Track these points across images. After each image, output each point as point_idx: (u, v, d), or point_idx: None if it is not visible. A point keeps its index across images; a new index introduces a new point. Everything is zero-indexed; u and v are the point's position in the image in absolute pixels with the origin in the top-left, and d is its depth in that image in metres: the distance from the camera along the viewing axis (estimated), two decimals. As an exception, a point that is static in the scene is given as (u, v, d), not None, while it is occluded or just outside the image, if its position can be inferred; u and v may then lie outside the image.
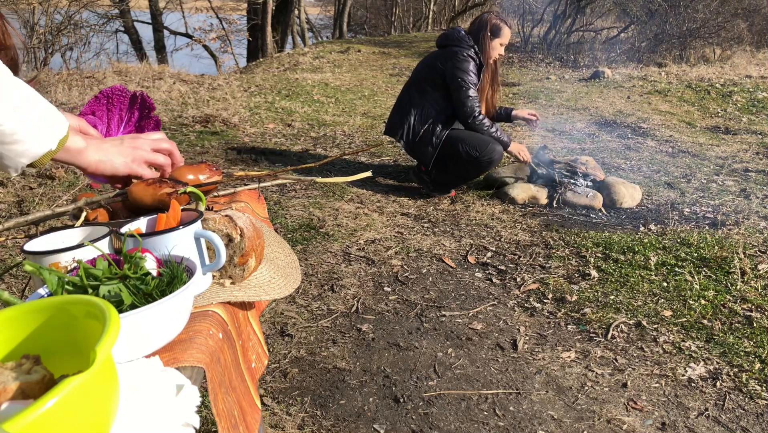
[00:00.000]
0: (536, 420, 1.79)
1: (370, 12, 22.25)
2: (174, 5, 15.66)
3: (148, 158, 0.96)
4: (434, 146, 3.58)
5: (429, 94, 3.64)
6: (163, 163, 0.99)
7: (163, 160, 0.99)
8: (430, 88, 3.63)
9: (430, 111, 3.62)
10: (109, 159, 0.91)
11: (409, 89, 3.76)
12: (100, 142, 0.92)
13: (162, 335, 0.70)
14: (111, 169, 0.92)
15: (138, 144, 0.96)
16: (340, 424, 1.77)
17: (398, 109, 3.76)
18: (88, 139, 0.90)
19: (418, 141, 3.63)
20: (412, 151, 3.70)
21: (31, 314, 0.58)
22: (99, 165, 0.91)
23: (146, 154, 0.96)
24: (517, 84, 8.06)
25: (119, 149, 0.93)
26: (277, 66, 9.70)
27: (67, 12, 9.58)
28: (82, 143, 0.88)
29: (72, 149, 0.87)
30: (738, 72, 8.21)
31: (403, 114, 3.70)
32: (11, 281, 2.42)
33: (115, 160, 0.92)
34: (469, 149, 3.48)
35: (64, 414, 0.43)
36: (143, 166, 0.96)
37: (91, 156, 0.90)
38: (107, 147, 0.92)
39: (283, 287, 1.00)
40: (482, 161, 3.49)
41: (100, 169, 0.91)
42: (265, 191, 3.53)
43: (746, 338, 2.21)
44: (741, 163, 4.47)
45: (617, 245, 2.98)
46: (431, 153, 3.59)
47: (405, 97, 3.76)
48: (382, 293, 2.52)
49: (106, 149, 0.91)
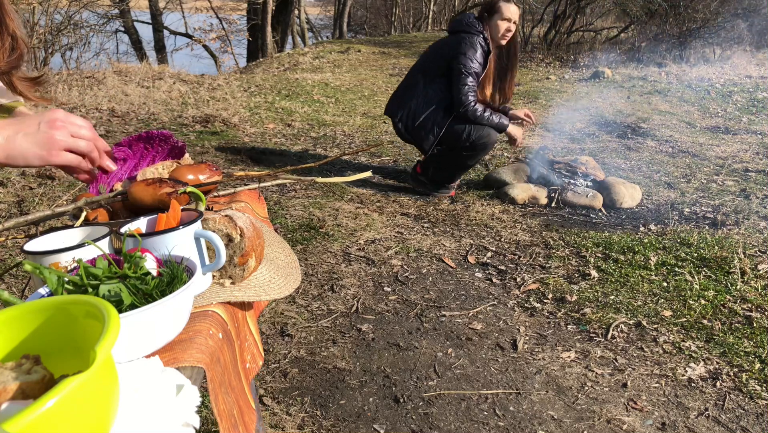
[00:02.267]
0: (536, 420, 1.79)
1: (370, 12, 22.25)
2: (174, 5, 15.66)
3: (68, 145, 0.87)
4: (435, 134, 3.51)
5: (434, 79, 3.57)
6: (85, 149, 0.89)
7: (84, 145, 0.89)
8: (436, 73, 3.56)
9: (434, 97, 3.54)
10: (20, 152, 0.84)
11: (414, 73, 3.69)
12: (13, 133, 0.84)
13: (162, 335, 0.70)
14: (23, 163, 0.85)
15: (55, 132, 0.86)
16: (340, 424, 1.77)
17: (401, 92, 3.70)
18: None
19: (417, 126, 3.56)
20: (410, 135, 3.61)
21: (31, 314, 0.58)
22: (8, 161, 0.84)
23: (65, 140, 0.87)
24: (517, 84, 8.06)
25: (34, 139, 0.85)
26: (277, 66, 9.70)
27: (67, 12, 9.58)
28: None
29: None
30: (738, 72, 8.21)
31: (405, 97, 3.63)
32: (11, 281, 2.42)
33: (27, 153, 0.84)
34: (464, 134, 3.45)
35: (64, 414, 0.43)
36: (62, 155, 0.87)
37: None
38: (19, 139, 0.84)
39: (283, 287, 1.00)
40: (477, 145, 3.45)
41: (10, 163, 0.85)
42: (265, 191, 3.53)
43: (746, 338, 2.20)
44: (741, 163, 4.47)
45: (617, 245, 2.98)
46: (432, 140, 3.52)
47: (410, 80, 3.69)
48: (382, 293, 2.52)
49: (18, 142, 0.84)
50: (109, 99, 5.55)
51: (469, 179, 4.03)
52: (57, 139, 0.86)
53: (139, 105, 5.46)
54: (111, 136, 4.54)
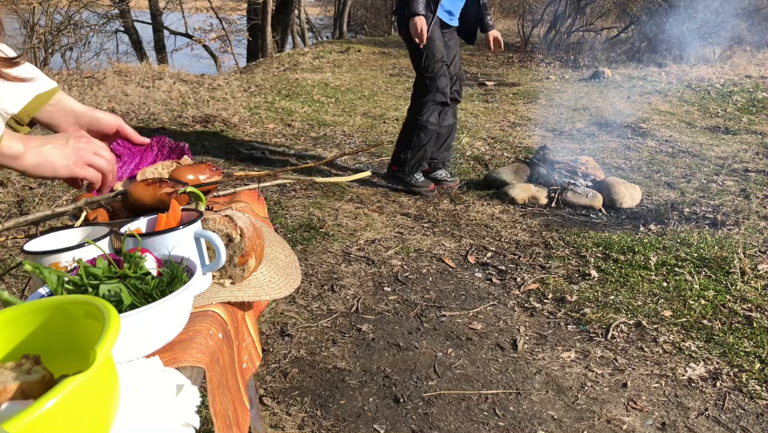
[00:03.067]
0: (536, 420, 1.79)
1: (370, 12, 22.24)
2: (174, 5, 15.65)
3: (92, 161, 0.94)
4: None
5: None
6: (104, 167, 0.95)
7: (104, 164, 0.95)
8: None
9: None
10: (50, 161, 0.90)
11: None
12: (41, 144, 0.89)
13: (162, 335, 0.70)
14: (51, 172, 0.90)
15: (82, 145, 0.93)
16: (340, 424, 1.77)
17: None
18: (28, 142, 0.88)
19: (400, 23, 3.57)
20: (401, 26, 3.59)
21: (31, 314, 0.58)
22: (37, 168, 0.89)
23: (89, 156, 0.93)
24: (517, 84, 8.06)
25: (62, 151, 0.91)
26: (277, 66, 9.70)
27: (67, 12, 9.57)
28: (19, 148, 0.87)
29: (7, 154, 0.86)
30: (738, 72, 8.21)
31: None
32: (11, 281, 2.42)
33: (56, 163, 0.90)
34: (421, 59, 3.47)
35: (64, 414, 0.43)
36: (86, 169, 0.93)
37: (29, 160, 0.88)
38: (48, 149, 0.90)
39: (283, 287, 1.00)
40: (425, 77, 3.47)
41: (38, 172, 0.89)
42: (265, 191, 3.53)
43: (746, 338, 2.20)
44: (741, 163, 4.47)
45: (617, 245, 2.98)
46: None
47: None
48: (382, 293, 2.52)
49: (47, 152, 0.89)
50: (109, 99, 5.55)
51: (469, 179, 4.03)
52: (83, 153, 0.93)
53: (139, 105, 5.46)
54: (111, 136, 4.54)
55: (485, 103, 6.76)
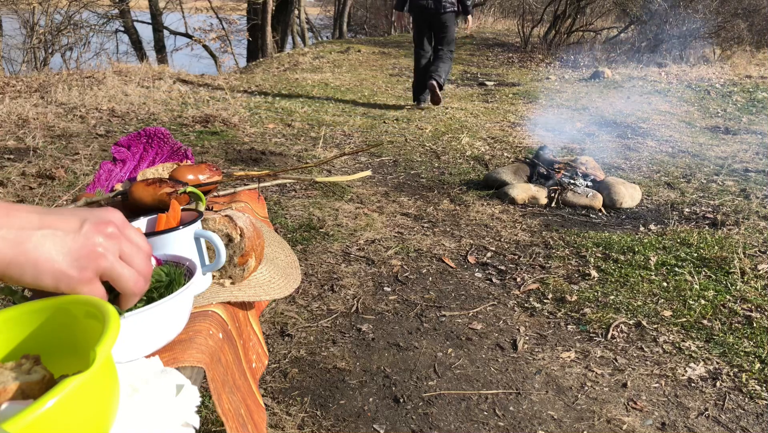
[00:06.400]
0: (536, 420, 1.79)
1: (370, 12, 22.23)
2: (174, 5, 15.65)
3: (109, 270, 0.55)
4: None
5: None
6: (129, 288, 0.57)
7: (128, 276, 0.56)
8: None
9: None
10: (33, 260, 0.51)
11: None
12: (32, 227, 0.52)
13: (162, 335, 0.70)
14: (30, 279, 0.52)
15: (102, 240, 0.54)
16: (340, 424, 1.77)
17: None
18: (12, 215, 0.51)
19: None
20: None
21: (31, 314, 0.58)
22: (8, 269, 0.51)
23: (109, 259, 0.55)
24: (517, 84, 8.06)
25: (63, 243, 0.53)
26: (277, 66, 9.70)
27: (67, 12, 9.57)
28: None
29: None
30: (738, 72, 8.21)
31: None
32: (11, 281, 2.42)
33: (43, 265, 0.52)
34: None
35: (64, 414, 0.43)
36: (93, 282, 0.55)
37: None
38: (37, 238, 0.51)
39: (283, 287, 1.00)
40: None
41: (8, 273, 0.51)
42: (265, 191, 3.53)
43: (746, 338, 2.21)
44: (741, 163, 4.47)
45: (617, 245, 2.98)
46: None
47: None
48: (382, 293, 2.52)
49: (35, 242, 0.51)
50: (109, 99, 5.55)
51: (469, 179, 4.03)
52: (98, 255, 0.54)
53: (139, 105, 5.46)
54: (111, 136, 4.54)
55: (485, 103, 6.76)
